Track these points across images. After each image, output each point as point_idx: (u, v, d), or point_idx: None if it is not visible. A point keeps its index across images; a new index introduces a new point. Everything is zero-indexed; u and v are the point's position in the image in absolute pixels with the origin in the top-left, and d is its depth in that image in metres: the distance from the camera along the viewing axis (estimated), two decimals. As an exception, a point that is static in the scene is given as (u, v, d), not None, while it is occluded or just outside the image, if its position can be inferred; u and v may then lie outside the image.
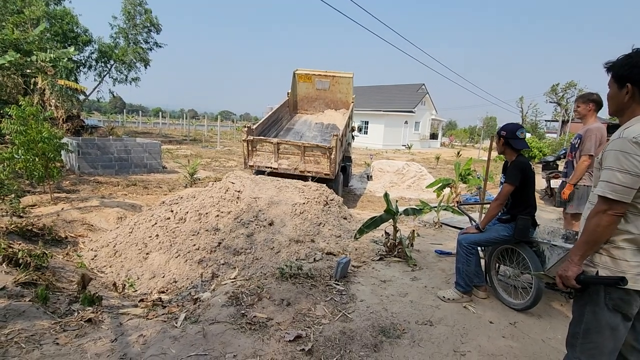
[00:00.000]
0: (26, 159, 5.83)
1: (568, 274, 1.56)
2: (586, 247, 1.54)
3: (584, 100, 3.83)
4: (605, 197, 1.46)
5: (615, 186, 1.44)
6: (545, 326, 2.71)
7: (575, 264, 1.55)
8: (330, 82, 9.46)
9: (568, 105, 40.26)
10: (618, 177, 1.43)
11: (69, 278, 3.55)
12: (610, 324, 1.51)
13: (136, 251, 4.42)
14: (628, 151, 1.42)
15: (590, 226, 1.52)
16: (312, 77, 9.47)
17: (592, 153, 3.70)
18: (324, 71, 9.59)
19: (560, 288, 1.63)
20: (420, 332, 2.55)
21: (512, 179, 2.78)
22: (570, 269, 1.56)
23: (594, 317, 1.54)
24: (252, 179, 5.86)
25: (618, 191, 1.43)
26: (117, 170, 10.15)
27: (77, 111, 19.02)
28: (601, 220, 1.48)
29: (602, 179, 1.49)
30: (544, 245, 2.83)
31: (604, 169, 1.49)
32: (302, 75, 9.53)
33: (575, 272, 1.54)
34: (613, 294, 1.50)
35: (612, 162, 1.46)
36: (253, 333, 2.41)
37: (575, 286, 1.55)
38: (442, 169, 16.82)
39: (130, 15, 22.40)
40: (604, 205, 1.48)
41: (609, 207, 1.46)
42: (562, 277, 1.58)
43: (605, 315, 1.52)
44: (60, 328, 2.40)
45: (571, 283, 1.55)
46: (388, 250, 4.12)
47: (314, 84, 9.49)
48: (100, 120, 34.15)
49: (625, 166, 1.42)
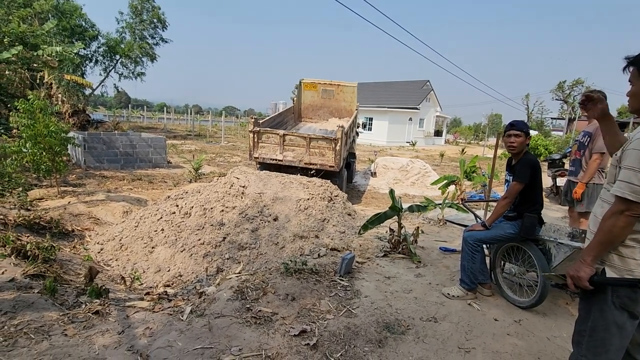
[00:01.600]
0: (33, 152, 5.88)
1: (580, 274, 1.52)
2: (600, 247, 1.50)
3: None
4: (623, 198, 1.42)
5: (636, 187, 1.38)
6: (551, 324, 2.70)
7: (587, 264, 1.51)
8: (335, 90, 9.76)
9: (575, 103, 39.82)
10: (639, 177, 1.38)
11: (76, 271, 3.59)
12: (617, 322, 1.50)
13: (142, 245, 4.46)
14: None
15: (606, 227, 1.48)
16: (318, 85, 9.84)
17: (604, 151, 3.66)
18: (329, 81, 10.00)
19: (572, 289, 1.59)
20: (425, 328, 2.55)
21: (522, 177, 2.75)
22: (583, 269, 1.52)
23: (600, 315, 1.53)
24: (256, 175, 5.87)
25: (638, 192, 1.38)
26: (122, 164, 10.21)
27: (83, 106, 19.17)
28: (618, 221, 1.44)
29: (621, 178, 1.44)
30: (550, 243, 2.81)
31: (624, 168, 1.44)
32: (307, 83, 9.94)
33: (588, 273, 1.51)
34: (620, 292, 1.49)
35: (633, 162, 1.41)
36: (258, 327, 2.43)
37: (587, 287, 1.51)
38: (447, 166, 16.75)
39: (137, 11, 22.41)
40: (621, 205, 1.43)
41: (626, 208, 1.41)
42: (574, 278, 1.54)
43: (612, 313, 1.50)
44: (68, 320, 2.44)
45: (584, 284, 1.51)
46: (392, 246, 4.12)
47: (319, 93, 9.82)
48: (105, 115, 34.32)
49: None
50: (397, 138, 29.26)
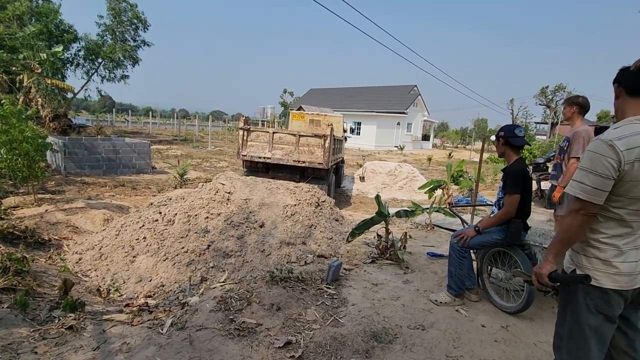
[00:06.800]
0: (8, 159, 5.66)
1: (542, 271, 1.59)
2: (559, 245, 1.59)
3: (569, 103, 3.86)
4: (578, 197, 1.47)
5: (586, 187, 1.44)
6: (537, 329, 2.69)
7: (548, 261, 1.59)
8: (322, 120, 10.19)
9: (557, 108, 40.92)
10: (590, 178, 1.44)
11: (51, 283, 3.43)
12: (591, 325, 1.51)
13: (123, 254, 4.31)
14: (602, 153, 1.42)
15: (564, 225, 1.56)
16: (305, 116, 10.41)
17: (579, 155, 3.72)
18: (316, 112, 10.85)
19: (535, 285, 1.67)
20: (413, 336, 2.51)
21: (516, 189, 2.72)
22: (544, 266, 1.59)
23: (574, 317, 1.55)
24: (242, 180, 5.78)
25: (588, 192, 1.44)
26: (104, 170, 9.94)
27: (64, 110, 18.66)
28: (574, 220, 1.49)
29: (575, 178, 1.50)
30: (535, 248, 2.82)
31: (578, 168, 1.51)
32: (296, 114, 10.68)
33: (548, 269, 1.58)
34: (593, 294, 1.50)
35: (585, 163, 1.47)
36: (241, 339, 2.34)
37: (547, 283, 1.59)
38: (434, 170, 16.92)
39: (116, 11, 21.91)
40: (577, 204, 1.49)
41: (581, 207, 1.47)
42: (537, 275, 1.61)
43: (585, 316, 1.52)
44: (40, 336, 2.31)
45: (544, 280, 1.58)
46: (380, 252, 4.08)
47: (306, 123, 10.22)
48: (88, 119, 33.50)
49: (596, 168, 1.43)
50: (385, 142, 29.48)
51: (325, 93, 38.01)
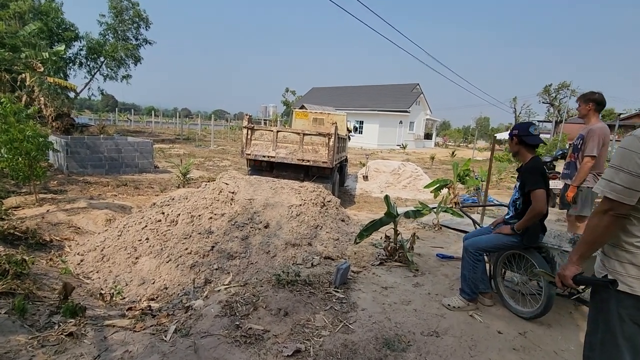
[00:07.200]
0: (9, 158, 5.58)
1: (566, 273, 1.52)
2: (585, 246, 1.50)
3: (584, 100, 3.74)
4: (608, 197, 1.38)
5: (616, 186, 1.34)
6: (557, 336, 2.58)
7: (573, 263, 1.51)
8: (325, 118, 10.07)
9: (561, 106, 40.59)
10: (620, 176, 1.34)
11: (51, 286, 3.34)
12: (624, 335, 1.41)
13: (125, 255, 4.22)
14: (634, 149, 1.32)
15: (590, 226, 1.47)
16: (309, 114, 10.30)
17: (594, 154, 3.60)
18: (319, 111, 10.71)
19: (559, 288, 1.60)
20: (427, 344, 2.40)
21: (539, 184, 2.58)
22: (569, 268, 1.52)
23: (606, 327, 1.45)
24: (246, 180, 5.68)
25: (618, 191, 1.34)
26: (107, 170, 9.87)
27: (67, 109, 18.61)
28: (601, 221, 1.40)
29: (604, 176, 1.40)
30: (554, 251, 2.70)
31: (608, 166, 1.41)
32: (299, 112, 10.58)
33: (572, 271, 1.50)
34: (626, 302, 1.40)
35: (616, 160, 1.37)
36: (248, 347, 2.25)
37: (572, 285, 1.54)
38: (437, 169, 16.78)
39: (117, 10, 21.85)
40: (605, 204, 1.39)
41: (610, 207, 1.37)
42: (561, 277, 1.56)
43: (618, 325, 1.41)
44: (38, 343, 2.21)
45: (568, 282, 1.53)
46: (389, 254, 3.97)
47: (309, 121, 10.12)
48: (91, 118, 33.49)
49: (627, 165, 1.32)
50: (388, 141, 29.32)
51: (328, 92, 37.89)
